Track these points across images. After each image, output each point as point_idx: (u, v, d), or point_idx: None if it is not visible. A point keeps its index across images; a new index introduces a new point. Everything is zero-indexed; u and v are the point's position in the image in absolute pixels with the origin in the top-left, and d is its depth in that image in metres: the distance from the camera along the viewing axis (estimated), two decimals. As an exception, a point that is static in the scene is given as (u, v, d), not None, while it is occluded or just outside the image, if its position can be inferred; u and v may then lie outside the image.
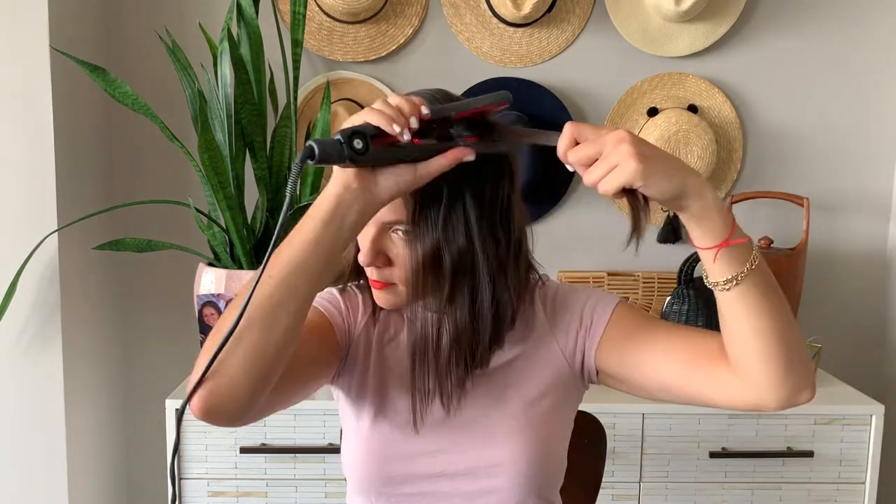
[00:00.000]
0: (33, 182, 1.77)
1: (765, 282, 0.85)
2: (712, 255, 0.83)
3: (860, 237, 2.12)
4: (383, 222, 0.93)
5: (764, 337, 0.85)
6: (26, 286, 1.77)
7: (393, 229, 0.94)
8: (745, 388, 0.88)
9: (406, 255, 0.93)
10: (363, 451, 1.01)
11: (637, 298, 2.05)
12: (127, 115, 2.00)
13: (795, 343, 0.86)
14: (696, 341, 0.96)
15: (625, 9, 2.02)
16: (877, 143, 2.09)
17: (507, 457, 0.99)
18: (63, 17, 1.79)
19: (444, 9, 2.03)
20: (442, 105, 0.88)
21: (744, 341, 0.86)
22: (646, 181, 0.77)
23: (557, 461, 1.04)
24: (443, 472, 1.00)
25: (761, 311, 0.84)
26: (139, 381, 2.15)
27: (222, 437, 1.68)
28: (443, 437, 1.00)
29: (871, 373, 2.15)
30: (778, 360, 0.85)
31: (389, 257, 0.95)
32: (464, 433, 1.00)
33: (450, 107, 0.88)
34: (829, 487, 1.71)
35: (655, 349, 0.96)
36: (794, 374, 0.86)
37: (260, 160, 1.86)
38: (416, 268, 0.92)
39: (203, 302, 1.76)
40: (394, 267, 0.95)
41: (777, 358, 0.85)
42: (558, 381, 1.03)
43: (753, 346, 0.85)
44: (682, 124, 1.97)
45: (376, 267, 0.95)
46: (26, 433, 1.84)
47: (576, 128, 0.80)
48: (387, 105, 0.83)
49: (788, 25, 2.05)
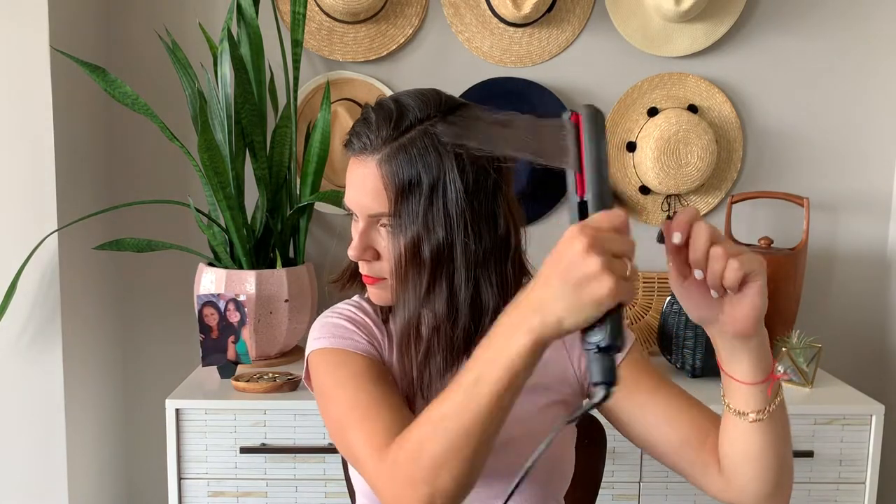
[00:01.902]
0: (33, 182, 1.77)
1: (785, 412, 0.87)
2: (756, 389, 0.83)
3: (860, 237, 2.12)
4: (370, 215, 0.94)
5: (768, 463, 0.87)
6: (26, 286, 1.77)
7: (381, 223, 0.95)
8: (727, 490, 0.91)
9: (393, 247, 0.94)
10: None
11: (637, 298, 2.05)
12: (127, 115, 2.00)
13: (790, 465, 0.89)
14: (697, 422, 0.96)
15: (625, 9, 2.02)
16: (877, 144, 2.09)
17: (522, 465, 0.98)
18: (63, 17, 1.79)
19: (444, 9, 2.03)
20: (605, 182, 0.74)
21: (747, 463, 0.88)
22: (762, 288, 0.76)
23: (567, 466, 1.05)
24: None
25: (777, 440, 0.86)
26: (139, 381, 2.15)
27: (222, 437, 1.67)
28: None
29: (871, 373, 2.15)
30: (771, 482, 0.88)
31: (378, 251, 0.96)
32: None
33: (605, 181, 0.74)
34: (829, 487, 1.71)
35: (657, 411, 0.97)
36: (781, 492, 0.89)
37: (260, 160, 1.86)
38: (397, 258, 0.93)
39: (203, 302, 1.76)
40: (383, 261, 0.96)
41: (772, 481, 0.88)
42: (567, 390, 1.04)
43: (754, 469, 0.87)
44: (682, 124, 1.97)
45: (366, 261, 0.97)
46: (26, 433, 1.84)
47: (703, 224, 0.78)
48: (622, 272, 0.68)
49: (788, 25, 2.05)
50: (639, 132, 2.05)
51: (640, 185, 2.06)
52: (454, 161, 0.91)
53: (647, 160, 1.99)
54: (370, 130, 0.92)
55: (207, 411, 1.67)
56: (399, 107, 0.93)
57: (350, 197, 0.96)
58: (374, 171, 0.92)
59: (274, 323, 1.83)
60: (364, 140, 0.93)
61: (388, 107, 0.93)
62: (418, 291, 0.94)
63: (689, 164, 1.97)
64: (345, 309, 1.05)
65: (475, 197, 0.93)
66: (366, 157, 0.93)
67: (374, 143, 0.92)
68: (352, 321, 1.02)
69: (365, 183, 0.93)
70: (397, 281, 0.95)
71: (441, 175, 0.91)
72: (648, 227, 2.10)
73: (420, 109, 0.92)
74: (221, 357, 1.77)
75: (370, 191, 0.93)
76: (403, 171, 0.90)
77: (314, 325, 1.05)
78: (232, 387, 1.72)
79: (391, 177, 0.91)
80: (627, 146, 2.06)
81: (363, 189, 0.93)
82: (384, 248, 0.95)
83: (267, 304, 1.81)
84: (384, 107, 0.93)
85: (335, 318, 1.03)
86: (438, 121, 0.92)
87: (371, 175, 0.92)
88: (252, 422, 1.67)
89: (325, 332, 1.02)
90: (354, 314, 1.04)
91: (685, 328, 1.82)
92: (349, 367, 0.97)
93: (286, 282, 1.82)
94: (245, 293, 1.78)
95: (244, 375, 1.74)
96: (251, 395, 1.68)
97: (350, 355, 0.99)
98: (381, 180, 0.92)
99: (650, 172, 1.99)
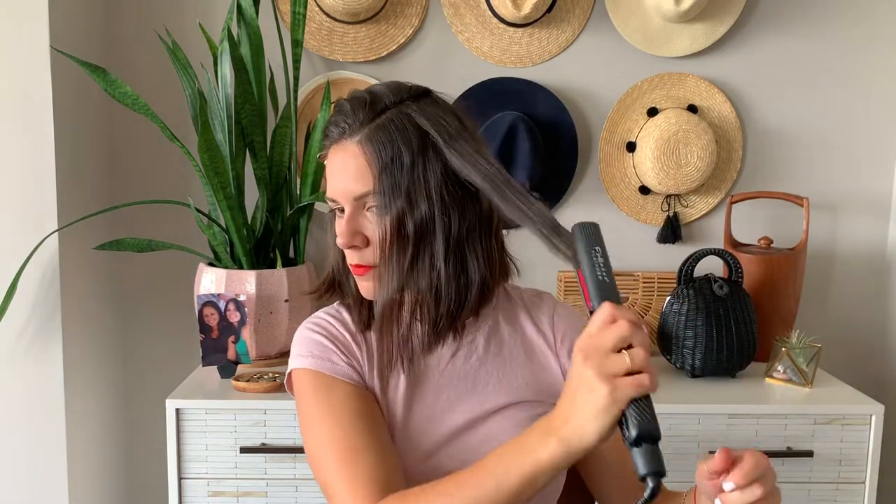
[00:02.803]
0: (33, 182, 1.77)
1: None
2: None
3: (860, 237, 2.12)
4: (355, 198, 0.95)
5: None
6: (26, 286, 1.77)
7: (367, 206, 0.96)
8: None
9: (381, 229, 0.95)
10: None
11: (637, 298, 2.05)
12: (127, 115, 2.00)
13: None
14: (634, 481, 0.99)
15: (625, 9, 2.02)
16: (876, 144, 2.09)
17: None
18: (63, 17, 1.79)
19: (444, 9, 2.03)
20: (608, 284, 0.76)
21: None
22: None
23: (559, 479, 1.05)
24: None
25: None
26: (139, 381, 2.15)
27: (222, 437, 1.68)
28: (452, 452, 1.00)
29: (871, 373, 2.15)
30: None
31: (367, 237, 0.97)
32: (475, 452, 0.98)
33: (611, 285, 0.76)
34: (829, 487, 1.71)
35: (611, 447, 0.98)
36: None
37: (260, 160, 1.86)
38: (381, 237, 0.94)
39: (203, 302, 1.76)
40: (372, 246, 0.97)
41: None
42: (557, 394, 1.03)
43: None
44: (681, 124, 1.97)
45: (356, 249, 0.97)
46: (26, 433, 1.84)
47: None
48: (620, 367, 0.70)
49: (788, 25, 2.05)
50: (639, 132, 2.05)
51: (640, 185, 2.06)
52: (430, 139, 0.94)
53: (646, 160, 1.99)
54: (347, 117, 0.96)
55: (207, 411, 1.67)
56: (371, 94, 0.97)
57: (333, 187, 0.97)
58: (355, 152, 0.94)
59: (274, 323, 1.83)
60: (343, 126, 0.96)
61: (361, 96, 0.97)
62: (402, 266, 0.95)
63: (688, 164, 1.97)
64: (325, 321, 1.05)
65: (459, 171, 0.95)
66: (346, 141, 0.96)
67: (352, 127, 0.95)
68: (331, 337, 1.03)
69: (347, 166, 0.95)
70: (381, 259, 0.96)
71: (421, 150, 0.93)
72: (648, 227, 2.10)
73: (392, 94, 0.96)
74: (221, 357, 1.77)
75: (353, 173, 0.94)
76: (385, 147, 0.93)
77: (296, 335, 1.06)
78: (232, 387, 1.72)
79: (373, 154, 0.93)
80: (627, 146, 2.06)
81: (346, 173, 0.95)
82: (372, 232, 0.96)
83: (267, 304, 1.81)
84: (357, 97, 0.97)
85: (315, 332, 1.04)
86: (411, 103, 0.96)
87: (353, 156, 0.95)
88: (252, 422, 1.67)
89: (304, 350, 1.03)
90: (334, 328, 1.04)
91: (685, 328, 1.82)
92: (331, 395, 0.98)
93: (286, 282, 1.82)
94: (245, 293, 1.78)
95: (244, 375, 1.74)
96: (251, 395, 1.68)
97: (332, 381, 0.99)
98: (363, 158, 0.94)
99: (650, 172, 1.99)
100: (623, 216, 2.09)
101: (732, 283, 1.84)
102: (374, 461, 0.92)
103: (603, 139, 2.07)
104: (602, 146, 2.07)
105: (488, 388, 1.03)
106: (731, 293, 1.82)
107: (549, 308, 1.09)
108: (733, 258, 1.86)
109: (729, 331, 1.79)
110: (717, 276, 1.84)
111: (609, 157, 2.07)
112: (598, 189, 2.09)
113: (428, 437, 1.00)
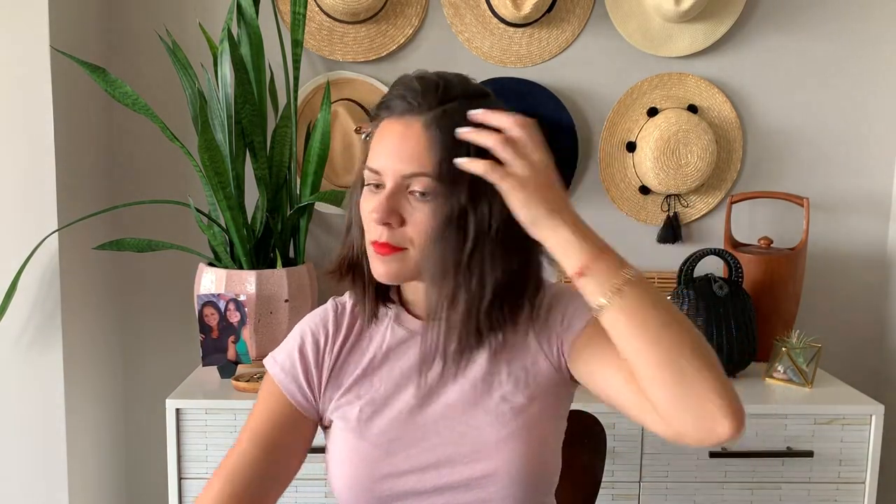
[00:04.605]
0: (33, 182, 1.77)
1: (636, 306, 0.84)
2: (584, 280, 0.86)
3: (860, 237, 2.12)
4: (403, 175, 0.91)
5: (647, 361, 0.84)
6: (26, 286, 1.77)
7: (411, 189, 0.92)
8: (661, 419, 0.86)
9: (425, 214, 0.91)
10: (348, 473, 1.00)
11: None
12: (127, 115, 2.00)
13: (693, 370, 0.82)
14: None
15: (625, 9, 2.02)
16: (876, 144, 2.09)
17: (499, 467, 0.97)
18: (63, 17, 1.79)
19: (444, 9, 2.03)
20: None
21: (633, 366, 0.85)
22: (511, 195, 0.85)
23: (552, 465, 1.03)
24: (435, 487, 0.98)
25: (633, 336, 0.84)
26: (139, 381, 2.15)
27: (222, 437, 1.67)
28: (430, 452, 0.99)
29: (871, 373, 2.15)
30: (671, 388, 0.83)
31: (403, 217, 0.92)
32: (455, 447, 0.98)
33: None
34: (829, 487, 1.71)
35: (611, 363, 0.93)
36: (695, 404, 0.82)
37: (260, 160, 1.86)
38: (437, 226, 0.90)
39: (203, 302, 1.76)
40: (406, 227, 0.92)
41: (670, 386, 0.83)
42: (544, 382, 1.02)
43: (642, 371, 0.85)
44: (681, 124, 1.97)
45: (389, 227, 0.92)
46: (26, 433, 1.84)
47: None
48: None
49: (788, 26, 2.05)
50: (638, 132, 2.05)
51: (640, 185, 2.06)
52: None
53: (646, 160, 1.99)
54: (416, 94, 0.92)
55: (207, 411, 1.67)
56: (444, 80, 0.95)
57: (381, 160, 0.93)
58: (418, 132, 0.91)
59: (274, 323, 1.83)
60: (411, 102, 0.92)
61: (433, 78, 0.95)
62: (458, 260, 0.91)
63: (688, 164, 1.97)
64: (315, 327, 1.05)
65: None
66: (410, 118, 0.92)
67: (421, 106, 0.92)
68: (302, 356, 1.04)
69: (405, 143, 0.91)
70: (424, 253, 0.92)
71: (482, 147, 0.89)
72: (648, 227, 2.10)
73: (461, 86, 0.95)
74: (221, 357, 1.77)
75: (410, 151, 0.91)
76: (451, 135, 0.89)
77: (297, 325, 1.07)
78: (232, 387, 1.72)
79: (438, 138, 0.90)
80: (627, 146, 2.06)
81: (401, 149, 0.91)
82: (411, 213, 0.92)
83: (267, 304, 1.81)
84: (427, 77, 0.95)
85: (300, 340, 1.05)
86: (479, 100, 0.94)
87: (414, 135, 0.91)
88: (252, 422, 1.67)
89: (281, 351, 1.06)
90: (320, 336, 1.04)
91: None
92: (263, 404, 1.05)
93: (286, 282, 1.82)
94: (245, 293, 1.78)
95: (244, 375, 1.74)
96: (251, 394, 1.68)
97: (274, 394, 1.05)
98: (426, 141, 0.90)
99: (650, 172, 1.99)
100: (623, 216, 2.09)
101: (732, 283, 1.84)
102: (220, 486, 1.03)
103: (603, 139, 2.07)
104: (602, 146, 2.07)
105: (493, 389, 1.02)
106: (732, 293, 1.82)
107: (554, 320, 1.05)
108: (733, 258, 1.86)
109: (729, 331, 1.79)
110: (717, 277, 1.84)
111: (609, 157, 2.07)
112: (598, 189, 2.09)
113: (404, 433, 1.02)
